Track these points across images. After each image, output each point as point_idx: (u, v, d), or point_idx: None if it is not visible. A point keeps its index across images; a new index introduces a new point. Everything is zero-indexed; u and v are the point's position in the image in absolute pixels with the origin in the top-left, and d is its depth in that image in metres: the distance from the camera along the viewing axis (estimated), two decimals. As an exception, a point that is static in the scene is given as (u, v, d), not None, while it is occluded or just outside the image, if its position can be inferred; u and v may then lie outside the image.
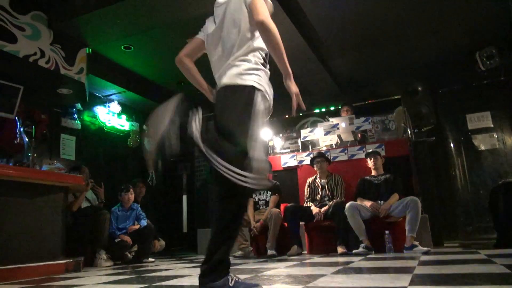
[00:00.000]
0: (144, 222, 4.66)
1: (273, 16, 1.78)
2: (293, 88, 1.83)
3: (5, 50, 3.82)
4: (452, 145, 6.01)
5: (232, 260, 4.03)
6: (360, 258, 3.41)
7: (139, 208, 4.79)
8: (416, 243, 3.76)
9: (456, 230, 5.66)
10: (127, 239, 4.46)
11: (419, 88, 5.74)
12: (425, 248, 3.67)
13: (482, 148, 5.82)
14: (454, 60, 5.90)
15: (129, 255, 4.60)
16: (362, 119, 5.07)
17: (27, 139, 3.69)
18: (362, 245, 3.88)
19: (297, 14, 4.57)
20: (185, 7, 4.11)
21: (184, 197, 7.66)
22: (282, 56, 1.74)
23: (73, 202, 4.26)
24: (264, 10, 1.73)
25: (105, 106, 6.22)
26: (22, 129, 3.73)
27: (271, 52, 1.78)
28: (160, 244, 5.22)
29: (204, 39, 1.99)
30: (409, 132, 4.99)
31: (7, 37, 3.84)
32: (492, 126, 5.80)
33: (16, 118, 3.80)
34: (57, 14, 4.28)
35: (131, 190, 4.79)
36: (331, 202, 4.34)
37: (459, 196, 5.81)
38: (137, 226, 4.59)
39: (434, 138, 5.18)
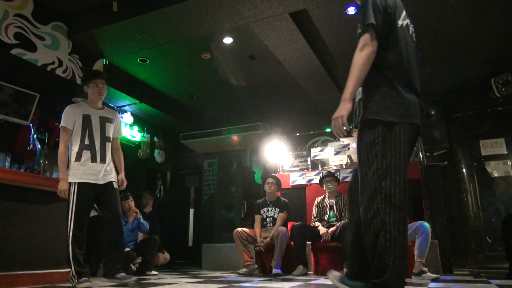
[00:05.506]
0: (146, 226, 4.72)
1: (289, 36, 1.80)
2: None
3: (25, 58, 3.90)
4: (464, 170, 5.92)
5: (236, 277, 3.98)
6: (367, 282, 3.33)
7: (141, 220, 4.76)
8: (425, 269, 3.67)
9: (466, 257, 5.52)
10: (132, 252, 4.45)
11: (432, 112, 5.71)
12: (434, 275, 3.58)
13: (495, 175, 5.72)
14: (468, 86, 5.87)
15: (133, 267, 4.57)
16: (373, 140, 5.02)
17: (39, 146, 3.72)
18: (369, 268, 3.80)
19: (312, 34, 4.61)
20: (202, 24, 4.18)
21: (191, 211, 7.63)
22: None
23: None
24: None
25: (118, 116, 6.29)
26: (35, 135, 3.78)
27: None
28: (165, 257, 5.18)
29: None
30: (421, 155, 4.93)
31: (27, 46, 3.94)
32: (506, 153, 5.71)
33: (31, 124, 3.85)
34: (77, 25, 4.39)
35: (130, 198, 4.78)
36: (339, 223, 4.28)
37: (470, 223, 5.69)
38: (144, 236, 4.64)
39: (446, 162, 5.12)
